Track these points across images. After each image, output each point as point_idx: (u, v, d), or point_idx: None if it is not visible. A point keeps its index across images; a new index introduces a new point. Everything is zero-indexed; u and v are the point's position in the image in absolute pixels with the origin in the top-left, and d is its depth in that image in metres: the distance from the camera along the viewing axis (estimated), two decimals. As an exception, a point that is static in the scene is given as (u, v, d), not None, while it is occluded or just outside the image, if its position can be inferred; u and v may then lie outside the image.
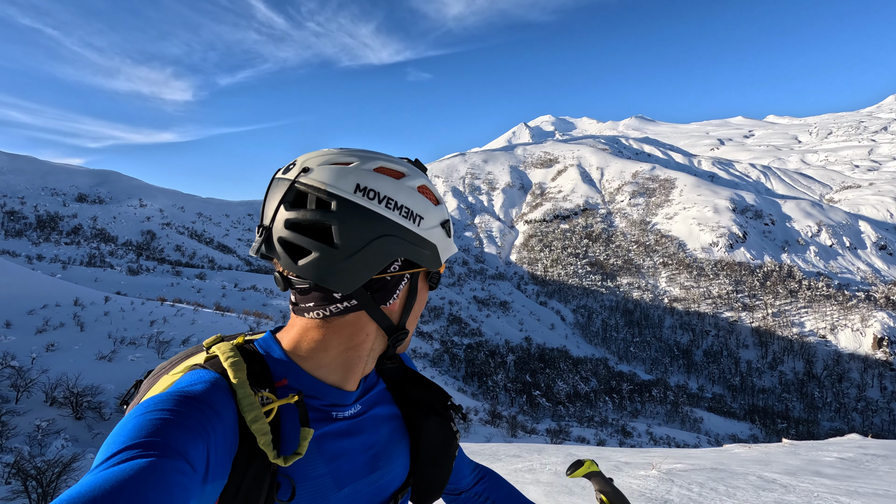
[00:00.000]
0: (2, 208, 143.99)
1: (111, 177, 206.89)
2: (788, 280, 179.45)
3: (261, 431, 0.63)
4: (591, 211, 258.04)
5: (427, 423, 0.88)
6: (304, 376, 0.74)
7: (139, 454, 0.50)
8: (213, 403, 0.61)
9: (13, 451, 16.54)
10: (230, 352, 0.71)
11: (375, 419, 0.84)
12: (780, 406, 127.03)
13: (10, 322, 29.14)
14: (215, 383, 0.65)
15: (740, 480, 4.64)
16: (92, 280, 75.76)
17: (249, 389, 0.65)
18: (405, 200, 0.71)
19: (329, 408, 0.76)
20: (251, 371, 0.70)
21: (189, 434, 0.55)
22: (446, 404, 0.91)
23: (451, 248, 0.81)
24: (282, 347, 0.76)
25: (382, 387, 0.90)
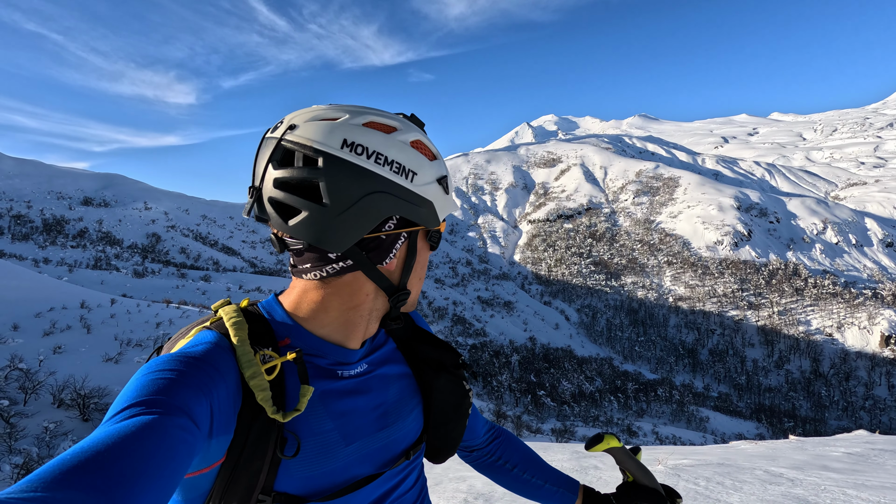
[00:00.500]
0: (8, 212, 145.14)
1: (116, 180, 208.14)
2: (794, 278, 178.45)
3: (259, 387, 0.64)
4: (595, 210, 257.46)
5: (438, 381, 0.89)
6: (305, 336, 0.75)
7: (143, 411, 0.51)
8: (214, 362, 0.63)
9: (22, 453, 16.67)
10: (234, 313, 0.73)
11: (384, 378, 0.84)
12: (787, 405, 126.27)
13: (17, 325, 29.37)
14: (217, 343, 0.67)
15: (747, 475, 4.63)
16: (98, 283, 76.25)
17: (249, 348, 0.67)
18: (396, 155, 0.69)
19: (334, 366, 0.77)
20: (253, 331, 0.72)
21: (191, 391, 0.57)
22: (457, 362, 0.91)
23: (450, 205, 0.79)
24: (284, 309, 0.77)
25: (392, 346, 0.90)
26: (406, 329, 0.94)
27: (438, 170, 0.77)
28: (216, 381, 0.61)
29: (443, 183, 0.77)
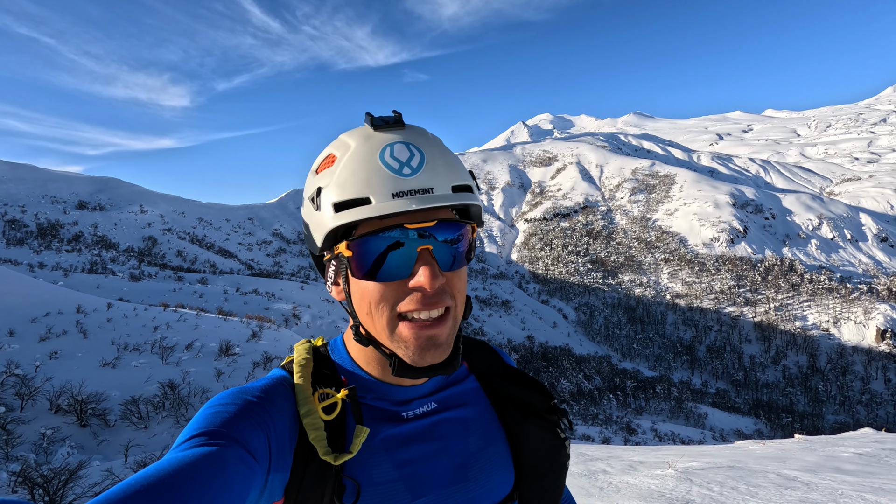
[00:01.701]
0: (3, 217, 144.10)
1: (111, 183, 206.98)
2: (790, 274, 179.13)
3: (312, 426, 0.63)
4: (592, 208, 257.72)
5: (527, 426, 0.78)
6: (361, 376, 0.73)
7: (205, 441, 0.54)
8: (273, 397, 0.64)
9: (19, 460, 16.49)
10: (304, 353, 0.74)
11: (460, 422, 0.76)
12: (785, 400, 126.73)
13: (13, 330, 29.10)
14: (280, 380, 0.69)
15: (760, 479, 4.56)
16: (94, 287, 75.73)
17: (308, 386, 0.67)
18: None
19: (397, 407, 0.73)
20: (318, 370, 0.72)
21: (250, 425, 0.58)
22: (549, 405, 0.80)
23: (322, 223, 0.66)
24: (346, 347, 0.76)
25: (473, 385, 0.82)
26: (492, 366, 0.85)
27: (314, 185, 0.69)
28: (274, 417, 0.62)
29: (315, 200, 0.67)
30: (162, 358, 27.96)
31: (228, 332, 35.95)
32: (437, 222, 0.65)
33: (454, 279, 0.68)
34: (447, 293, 0.66)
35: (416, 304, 0.64)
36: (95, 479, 13.42)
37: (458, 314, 0.69)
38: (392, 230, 0.63)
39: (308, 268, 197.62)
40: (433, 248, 0.65)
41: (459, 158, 0.72)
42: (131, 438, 19.03)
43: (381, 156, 0.64)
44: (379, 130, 0.67)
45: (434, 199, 0.63)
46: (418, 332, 0.64)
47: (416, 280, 0.64)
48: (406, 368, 0.66)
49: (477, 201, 0.70)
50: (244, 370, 27.34)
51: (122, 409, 20.74)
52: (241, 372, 27.10)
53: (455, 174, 0.68)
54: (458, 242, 0.68)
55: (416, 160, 0.65)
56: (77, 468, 13.12)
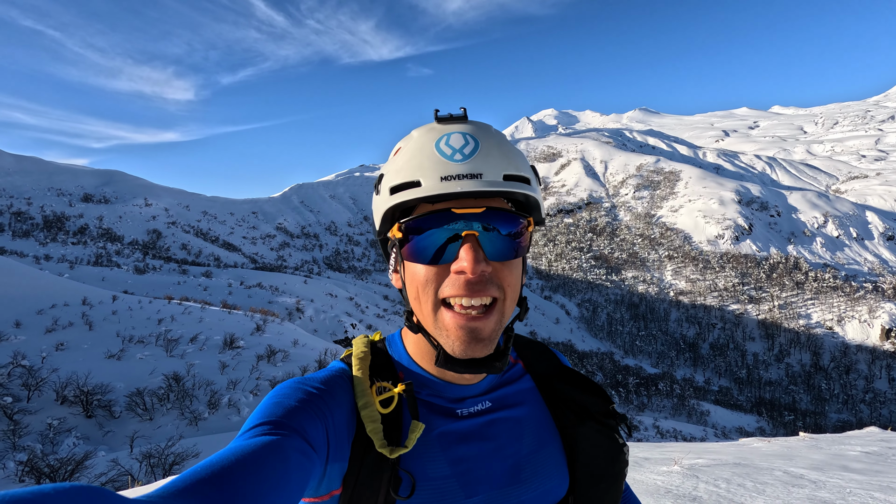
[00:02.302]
0: (9, 209, 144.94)
1: (116, 176, 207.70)
2: (795, 272, 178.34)
3: (369, 419, 0.65)
4: (596, 205, 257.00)
5: (583, 429, 0.76)
6: (417, 372, 0.75)
7: (268, 430, 0.56)
8: (332, 389, 0.67)
9: (26, 450, 16.66)
10: (363, 346, 0.76)
11: (515, 422, 0.76)
12: (787, 398, 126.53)
13: (19, 322, 29.35)
14: (340, 373, 0.71)
15: (766, 476, 4.55)
16: (99, 279, 76.19)
17: (366, 379, 0.70)
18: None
19: (452, 404, 0.74)
20: (376, 364, 0.75)
21: (309, 416, 0.60)
22: (607, 409, 0.78)
23: (380, 204, 0.71)
24: (403, 343, 0.78)
25: (529, 385, 0.81)
26: (548, 366, 0.85)
27: (379, 174, 0.73)
28: (332, 408, 0.64)
29: (377, 186, 0.73)
30: (167, 350, 28.14)
31: (232, 325, 36.14)
32: (486, 209, 0.66)
33: (503, 270, 0.67)
34: (494, 283, 0.66)
35: (459, 289, 0.65)
36: (101, 470, 13.54)
37: (506, 309, 0.68)
38: (440, 214, 0.65)
39: (311, 262, 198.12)
40: (479, 234, 0.66)
41: (523, 154, 0.72)
42: (136, 430, 19.19)
43: (437, 143, 0.67)
44: (442, 123, 0.71)
45: (481, 184, 0.64)
46: (460, 322, 0.65)
47: (458, 263, 0.65)
48: (449, 360, 0.66)
49: (533, 193, 0.70)
50: (248, 363, 27.48)
51: (128, 400, 20.90)
52: (245, 365, 27.24)
53: (510, 163, 0.68)
54: (511, 234, 0.68)
55: (470, 147, 0.66)
56: (83, 458, 13.26)
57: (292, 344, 33.25)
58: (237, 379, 24.91)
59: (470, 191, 0.63)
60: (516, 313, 0.73)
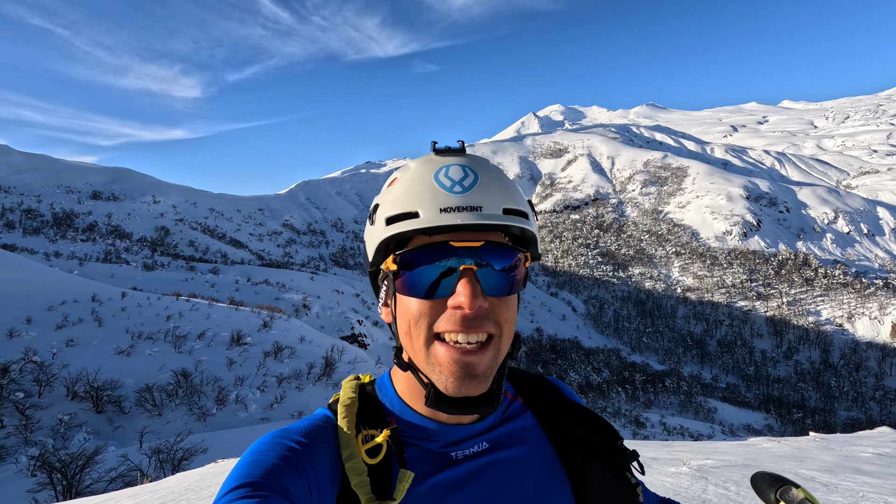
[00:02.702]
0: (19, 206, 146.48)
1: (124, 174, 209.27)
2: (804, 268, 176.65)
3: (354, 471, 0.61)
4: (602, 201, 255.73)
5: (591, 469, 0.71)
6: (409, 415, 0.70)
7: (248, 494, 0.52)
8: (315, 442, 0.62)
9: (38, 444, 16.89)
10: (351, 391, 0.72)
11: (516, 463, 0.70)
12: (796, 395, 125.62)
13: (30, 318, 29.68)
14: (324, 422, 0.67)
15: (777, 478, 4.48)
16: (108, 276, 76.91)
17: (351, 428, 0.65)
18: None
19: (446, 448, 0.69)
20: (364, 410, 0.70)
21: (290, 473, 0.56)
22: (615, 446, 0.73)
23: (374, 236, 0.68)
24: (393, 385, 0.73)
25: (530, 422, 0.76)
26: (550, 400, 0.79)
27: (373, 204, 0.70)
28: (315, 462, 0.60)
29: (372, 217, 0.69)
30: (175, 346, 28.38)
31: (239, 321, 36.38)
32: (484, 243, 0.63)
33: (500, 306, 0.64)
34: (490, 319, 0.63)
35: (454, 324, 0.62)
36: (111, 465, 13.67)
37: (501, 346, 0.65)
38: (438, 247, 0.63)
39: (318, 258, 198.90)
40: (477, 269, 0.63)
41: (520, 189, 0.70)
42: (146, 425, 19.38)
43: (436, 175, 0.65)
44: (440, 155, 0.69)
45: (481, 216, 0.62)
46: (454, 356, 0.61)
47: (455, 298, 0.62)
48: (440, 399, 0.63)
49: (531, 227, 0.68)
50: (255, 359, 27.65)
51: (137, 396, 21.11)
52: (252, 361, 27.42)
53: (509, 197, 0.66)
54: (507, 268, 0.65)
55: (469, 180, 0.65)
56: (93, 453, 13.39)
57: (299, 340, 33.41)
58: (244, 375, 25.08)
59: (470, 223, 0.61)
60: (509, 352, 0.69)
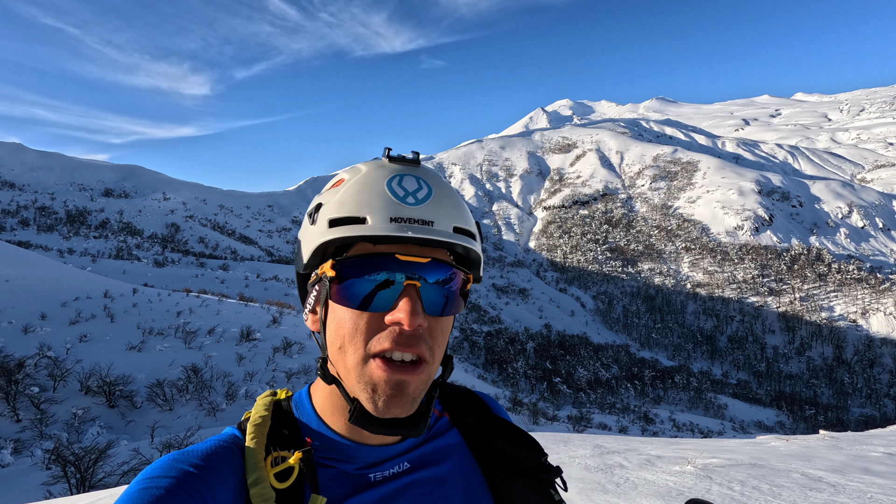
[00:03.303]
0: (33, 204, 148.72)
1: (135, 171, 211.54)
2: (817, 263, 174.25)
3: (260, 497, 0.55)
4: (611, 196, 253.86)
5: (515, 487, 0.68)
6: (327, 435, 0.64)
7: None
8: (216, 465, 0.57)
9: (52, 438, 17.20)
10: (263, 409, 0.66)
11: (437, 482, 0.66)
12: (808, 392, 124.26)
13: (45, 314, 30.19)
14: (230, 443, 0.61)
15: (783, 478, 4.44)
16: (120, 272, 77.91)
17: (261, 450, 0.60)
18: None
19: (364, 470, 0.64)
20: (276, 430, 0.64)
21: (186, 501, 0.51)
22: (540, 462, 0.70)
23: (312, 237, 0.62)
24: (311, 402, 0.68)
25: (455, 440, 0.73)
26: (477, 417, 0.76)
27: (315, 202, 0.65)
28: (215, 488, 0.54)
29: (313, 216, 0.64)
30: (185, 342, 28.70)
31: (249, 317, 36.69)
32: (430, 261, 0.59)
33: (436, 328, 0.61)
34: (426, 341, 0.59)
35: (391, 342, 0.57)
36: (123, 458, 13.90)
37: (432, 371, 0.61)
38: (382, 259, 0.58)
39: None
40: (421, 286, 0.59)
41: (469, 211, 0.67)
42: (157, 419, 19.67)
43: (389, 182, 0.61)
44: (394, 163, 0.65)
45: (432, 232, 0.58)
46: (387, 375, 0.57)
47: (394, 314, 0.57)
48: (365, 418, 0.58)
49: (477, 249, 0.65)
50: (265, 355, 27.90)
51: (148, 391, 21.41)
52: (261, 357, 27.67)
53: (460, 216, 0.63)
54: (450, 288, 0.62)
55: (423, 193, 0.61)
56: (106, 447, 13.62)
57: (308, 336, 33.60)
58: (254, 371, 25.32)
59: (420, 237, 0.58)
60: (439, 374, 0.66)
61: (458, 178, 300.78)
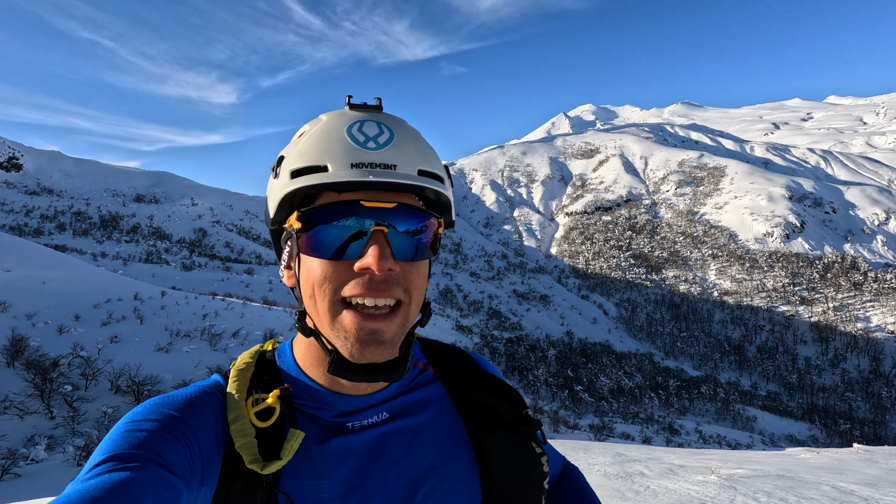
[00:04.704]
0: (70, 209, 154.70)
1: (165, 177, 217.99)
2: (852, 272, 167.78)
3: (239, 433, 0.57)
4: (635, 202, 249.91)
5: (494, 438, 0.68)
6: (305, 383, 0.65)
7: (116, 467, 0.47)
8: (197, 406, 0.58)
9: (84, 436, 17.76)
10: (248, 357, 0.68)
11: (416, 432, 0.67)
12: (843, 406, 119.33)
13: (78, 315, 31.27)
14: (211, 387, 0.62)
15: (812, 490, 4.29)
16: (150, 276, 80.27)
17: (242, 391, 0.61)
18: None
19: (341, 418, 0.64)
20: (259, 377, 0.65)
21: (168, 441, 0.52)
22: (521, 415, 0.70)
23: (276, 190, 0.61)
24: (293, 353, 0.69)
25: (438, 392, 0.73)
26: (462, 371, 0.75)
27: (278, 156, 0.64)
28: (197, 427, 0.56)
29: (275, 169, 0.63)
30: (210, 344, 29.34)
31: (273, 320, 37.33)
32: (397, 205, 0.59)
33: (411, 272, 0.60)
34: (399, 285, 0.59)
35: (361, 288, 0.57)
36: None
37: (410, 313, 0.61)
38: (347, 206, 0.58)
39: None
40: (388, 231, 0.58)
41: (437, 153, 0.66)
42: (182, 420, 20.13)
43: (349, 129, 0.60)
44: (355, 110, 0.64)
45: (395, 175, 0.57)
46: (360, 322, 0.57)
47: (363, 261, 0.57)
48: (343, 366, 0.58)
49: (446, 192, 0.64)
50: (286, 358, 28.29)
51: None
52: (283, 360, 28.06)
53: (424, 159, 0.62)
54: (419, 232, 0.61)
55: (384, 137, 0.60)
56: (133, 446, 14.00)
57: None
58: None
59: (383, 181, 0.56)
60: (418, 319, 0.66)
61: (479, 183, 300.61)
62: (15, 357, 22.08)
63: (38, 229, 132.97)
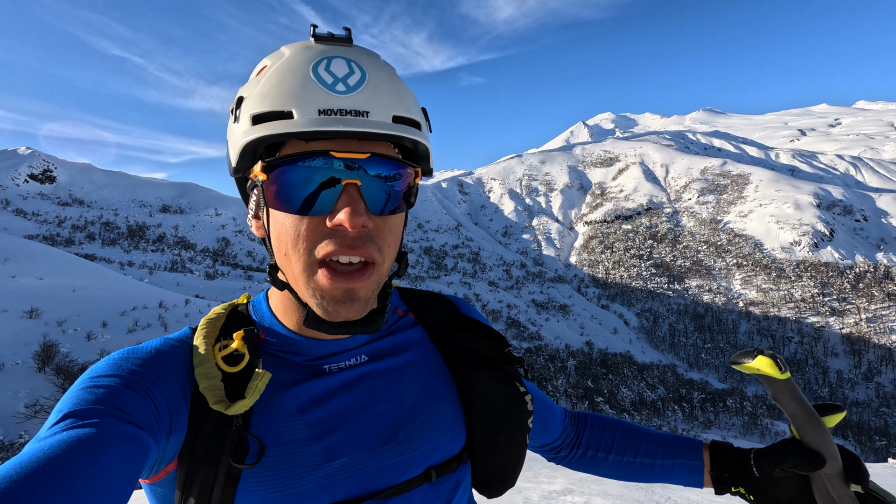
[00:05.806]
0: (99, 220, 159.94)
1: (190, 189, 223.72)
2: (886, 282, 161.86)
3: (204, 375, 0.55)
4: (656, 210, 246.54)
5: (478, 377, 0.66)
6: (277, 330, 0.63)
7: (74, 424, 0.45)
8: (161, 357, 0.56)
9: (108, 440, 18.19)
10: (220, 309, 0.65)
11: (397, 373, 0.65)
12: (878, 421, 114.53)
13: (106, 322, 32.19)
14: (178, 338, 0.60)
15: None
16: (174, 284, 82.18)
17: (209, 339, 0.59)
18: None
19: (317, 361, 0.62)
20: (229, 326, 0.63)
21: (129, 394, 0.49)
22: (504, 354, 0.69)
23: (237, 136, 0.55)
24: (269, 304, 0.66)
25: (418, 335, 0.71)
26: (444, 316, 0.73)
27: (237, 95, 0.58)
28: (160, 377, 0.53)
29: (234, 112, 0.57)
30: (232, 351, 29.85)
31: (292, 329, 37.83)
32: (370, 156, 0.53)
33: (384, 227, 0.56)
34: (374, 242, 0.55)
35: (335, 245, 0.53)
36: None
37: (383, 271, 0.58)
38: (316, 156, 0.52)
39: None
40: (362, 184, 0.54)
41: (414, 94, 0.61)
42: (204, 426, 20.47)
43: (315, 68, 0.53)
44: (321, 43, 0.57)
45: (367, 124, 0.52)
46: (335, 282, 0.54)
47: (336, 217, 0.52)
48: (319, 322, 0.56)
49: (424, 140, 0.58)
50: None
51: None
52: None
53: (400, 104, 0.56)
54: (394, 182, 0.56)
55: (355, 78, 0.54)
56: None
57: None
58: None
59: (354, 130, 0.51)
60: (395, 270, 0.63)
61: (497, 192, 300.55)
62: (45, 363, 22.80)
63: (69, 239, 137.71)
